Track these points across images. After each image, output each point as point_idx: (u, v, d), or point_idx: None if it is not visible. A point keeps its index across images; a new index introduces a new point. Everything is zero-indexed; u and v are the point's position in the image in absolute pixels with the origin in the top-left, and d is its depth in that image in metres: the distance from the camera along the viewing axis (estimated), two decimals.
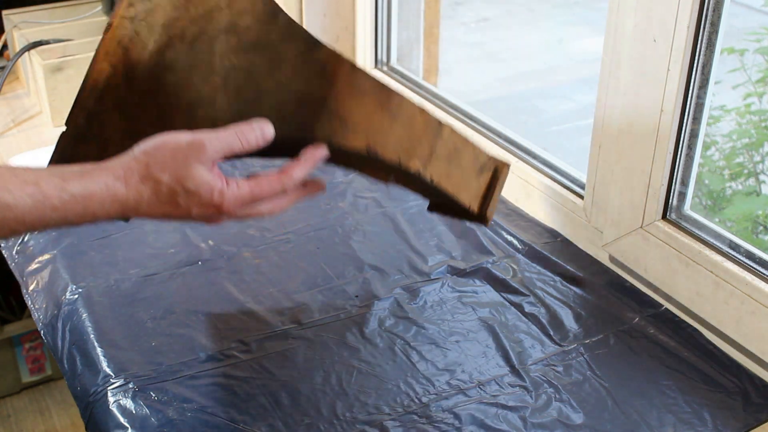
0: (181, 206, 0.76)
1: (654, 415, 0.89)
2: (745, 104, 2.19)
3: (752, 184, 2.13)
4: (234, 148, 0.78)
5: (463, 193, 0.91)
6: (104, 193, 0.74)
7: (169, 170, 0.75)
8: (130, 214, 0.75)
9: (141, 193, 0.74)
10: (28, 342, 2.05)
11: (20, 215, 0.70)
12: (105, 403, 0.90)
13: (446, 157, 0.87)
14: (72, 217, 0.73)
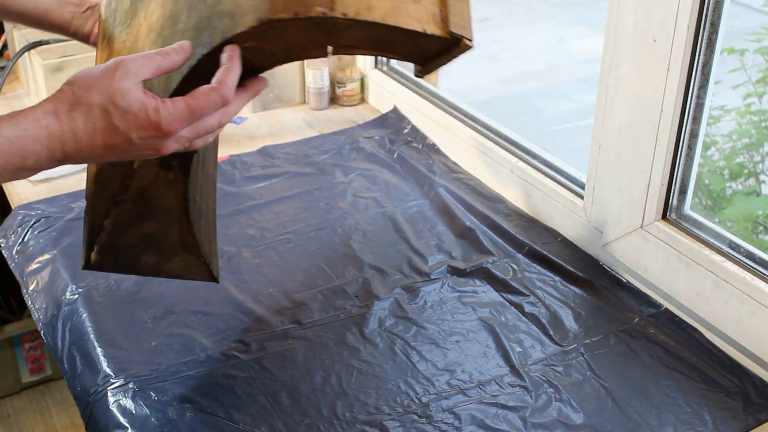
0: (119, 130, 0.72)
1: (654, 415, 0.89)
2: (745, 104, 2.19)
3: (752, 184, 2.13)
4: (159, 64, 0.74)
5: (403, 19, 0.80)
6: (38, 129, 0.71)
7: (97, 90, 0.72)
8: (73, 152, 0.72)
9: (75, 121, 0.71)
10: (28, 342, 2.05)
11: None
12: (105, 403, 0.90)
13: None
14: (13, 161, 0.70)
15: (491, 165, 1.34)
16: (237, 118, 1.59)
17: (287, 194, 1.31)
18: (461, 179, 1.36)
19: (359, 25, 0.77)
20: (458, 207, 1.27)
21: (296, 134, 1.53)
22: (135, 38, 0.84)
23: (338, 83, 1.63)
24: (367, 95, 1.66)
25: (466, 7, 0.85)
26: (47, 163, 0.72)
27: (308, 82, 1.62)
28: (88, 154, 0.72)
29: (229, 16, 0.77)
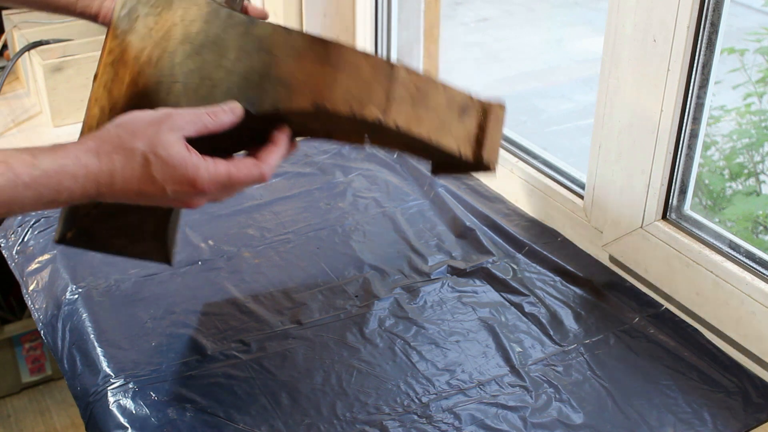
0: (156, 180, 0.73)
1: (654, 415, 0.89)
2: (745, 104, 2.19)
3: (752, 184, 2.13)
4: (206, 124, 0.76)
5: (445, 138, 0.85)
6: (77, 167, 0.71)
7: (141, 137, 0.73)
8: (106, 191, 0.73)
9: (114, 164, 0.72)
10: (28, 342, 2.05)
11: None
12: (105, 403, 0.90)
13: (409, 100, 0.82)
14: (47, 194, 0.70)
15: None
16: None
17: (287, 194, 1.31)
18: (461, 179, 1.36)
19: (405, 134, 0.82)
20: (458, 207, 1.27)
21: None
22: (165, 36, 0.82)
23: None
24: None
25: (499, 134, 0.89)
26: (79, 199, 0.73)
27: None
28: (119, 196, 0.74)
29: (285, 87, 0.79)
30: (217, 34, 0.81)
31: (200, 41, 0.81)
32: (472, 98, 0.87)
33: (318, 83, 0.79)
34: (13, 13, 1.73)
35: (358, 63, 0.80)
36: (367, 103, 0.80)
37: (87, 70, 1.53)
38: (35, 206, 0.72)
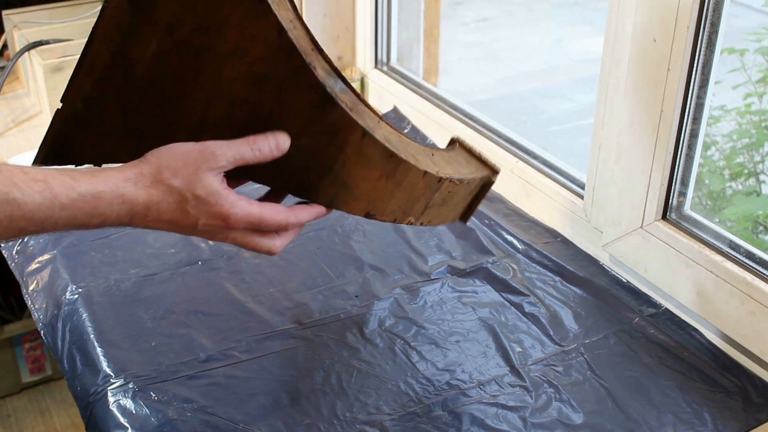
0: (189, 215, 0.75)
1: (654, 415, 0.89)
2: (745, 104, 2.19)
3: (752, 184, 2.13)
4: (246, 157, 0.76)
5: (450, 217, 0.93)
6: (113, 194, 0.73)
7: (181, 176, 0.74)
8: (138, 220, 0.75)
9: (151, 197, 0.74)
10: (28, 342, 2.05)
11: (29, 213, 0.69)
12: (105, 403, 0.90)
13: (440, 203, 0.87)
14: (81, 217, 0.72)
15: None
16: None
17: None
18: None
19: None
20: None
21: None
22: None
23: None
24: (367, 95, 1.66)
25: (485, 195, 0.96)
26: (110, 224, 0.74)
27: None
28: (150, 225, 0.76)
29: (346, 189, 0.79)
30: (284, 79, 0.74)
31: (260, 71, 0.74)
32: (481, 178, 0.92)
33: (377, 196, 0.81)
34: (13, 13, 1.73)
35: (416, 181, 0.82)
36: (409, 213, 0.84)
37: None
38: (67, 227, 0.73)
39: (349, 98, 0.77)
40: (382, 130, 0.80)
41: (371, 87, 1.64)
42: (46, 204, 0.70)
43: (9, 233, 0.71)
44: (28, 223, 0.70)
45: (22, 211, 0.69)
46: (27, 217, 0.70)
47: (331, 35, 1.63)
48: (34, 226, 0.71)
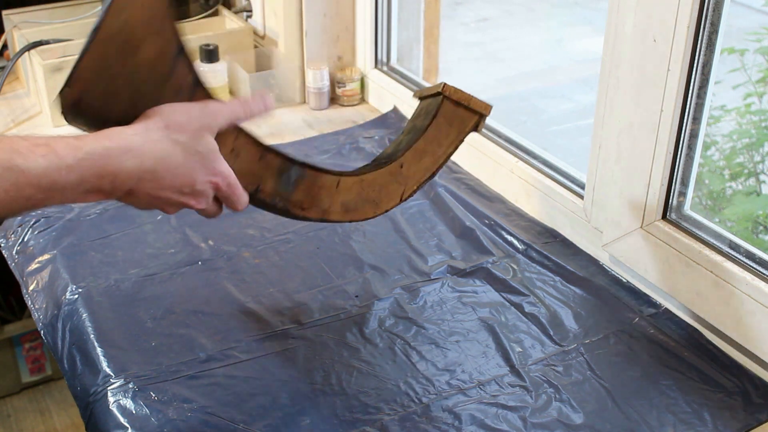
0: (194, 170, 0.77)
1: (654, 415, 0.89)
2: (745, 104, 2.19)
3: (752, 184, 2.13)
4: (239, 117, 0.81)
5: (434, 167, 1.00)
6: (122, 149, 0.72)
7: (186, 132, 0.76)
8: (146, 180, 0.74)
9: (159, 150, 0.74)
10: (28, 342, 2.05)
11: (34, 179, 0.67)
12: (105, 403, 0.90)
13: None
14: (90, 179, 0.70)
15: (491, 165, 1.34)
16: None
17: None
18: (461, 179, 1.36)
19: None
20: (458, 207, 1.27)
21: (296, 134, 1.53)
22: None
23: (338, 83, 1.63)
24: (367, 95, 1.66)
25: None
26: (120, 186, 0.73)
27: (308, 82, 1.62)
28: (154, 185, 0.75)
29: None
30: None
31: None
32: (458, 141, 0.99)
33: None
34: (13, 13, 1.73)
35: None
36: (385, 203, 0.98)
37: None
38: (76, 193, 0.71)
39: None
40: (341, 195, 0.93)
41: (371, 87, 1.64)
42: (51, 168, 0.68)
43: (18, 204, 0.67)
44: (35, 190, 0.67)
45: (26, 178, 0.66)
46: (33, 184, 0.67)
47: (331, 35, 1.63)
48: (41, 193, 0.68)
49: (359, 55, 1.66)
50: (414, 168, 0.97)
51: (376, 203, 0.96)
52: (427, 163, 0.97)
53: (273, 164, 0.88)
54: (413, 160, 0.97)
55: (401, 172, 0.97)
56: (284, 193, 0.90)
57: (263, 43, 1.73)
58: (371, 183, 0.95)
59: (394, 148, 1.00)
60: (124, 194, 0.74)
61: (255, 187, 0.87)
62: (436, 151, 0.97)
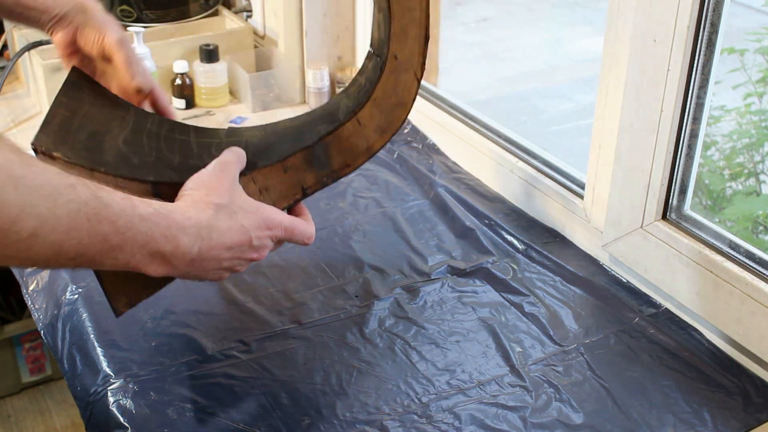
0: (243, 229, 0.78)
1: (654, 415, 0.89)
2: (745, 104, 2.19)
3: (752, 184, 2.13)
4: (241, 159, 0.86)
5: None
6: (183, 215, 0.74)
7: (221, 193, 0.78)
8: (204, 247, 0.75)
9: (209, 218, 0.76)
10: (28, 342, 2.05)
11: (113, 216, 0.67)
12: (105, 403, 0.90)
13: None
14: (158, 237, 0.70)
15: (491, 165, 1.34)
16: (237, 117, 1.59)
17: None
18: (461, 179, 1.36)
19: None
20: (458, 207, 1.27)
21: None
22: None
23: (338, 83, 1.63)
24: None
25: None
26: (181, 258, 0.73)
27: (308, 82, 1.62)
28: (213, 254, 0.76)
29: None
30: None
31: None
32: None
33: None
34: None
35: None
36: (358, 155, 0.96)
37: None
38: (142, 253, 0.70)
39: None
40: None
41: None
42: (127, 211, 0.68)
43: (93, 241, 0.66)
44: (112, 229, 0.67)
45: (108, 212, 0.66)
46: (112, 220, 0.67)
47: (331, 35, 1.63)
48: (116, 236, 0.67)
49: (359, 55, 1.66)
50: (406, 49, 0.92)
51: (401, 104, 0.94)
52: (413, 33, 0.92)
53: (298, 163, 0.88)
54: (400, 44, 0.92)
55: (399, 63, 0.92)
56: (326, 171, 0.90)
57: (263, 43, 1.72)
58: (384, 94, 0.92)
59: (377, 33, 0.94)
60: (188, 263, 0.74)
61: (301, 191, 0.90)
62: (414, 16, 0.91)
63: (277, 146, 0.90)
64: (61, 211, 0.63)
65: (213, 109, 1.62)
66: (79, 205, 0.64)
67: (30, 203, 0.61)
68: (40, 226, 0.61)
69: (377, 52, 0.93)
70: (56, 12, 0.98)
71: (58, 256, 0.65)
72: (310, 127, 0.92)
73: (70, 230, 0.64)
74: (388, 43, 0.91)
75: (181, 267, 0.74)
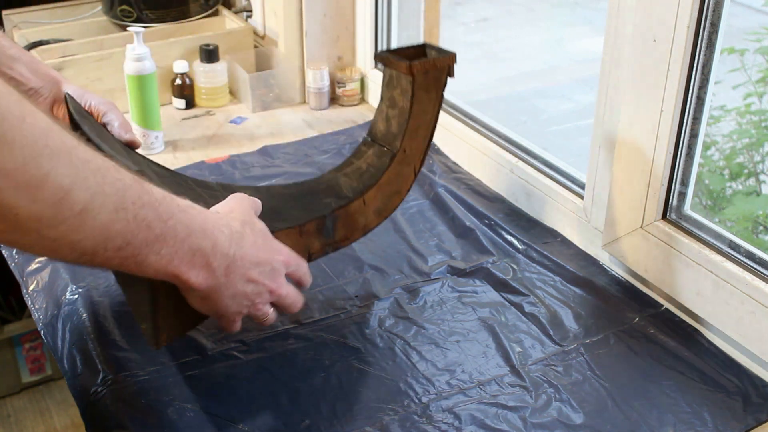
0: (263, 247, 0.79)
1: (654, 415, 0.89)
2: (745, 104, 2.20)
3: (752, 184, 2.13)
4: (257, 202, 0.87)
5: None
6: (217, 217, 0.75)
7: (242, 212, 0.80)
8: (236, 255, 0.75)
9: (238, 226, 0.77)
10: (28, 342, 2.05)
11: (155, 201, 0.66)
12: (105, 403, 0.90)
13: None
14: (197, 231, 0.70)
15: (491, 165, 1.34)
16: (237, 117, 1.59)
17: None
18: (461, 179, 1.36)
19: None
20: (458, 207, 1.27)
21: (296, 134, 1.53)
22: None
23: (338, 83, 1.63)
24: (367, 95, 1.66)
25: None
26: (219, 240, 0.73)
27: (308, 82, 1.62)
28: (244, 254, 0.76)
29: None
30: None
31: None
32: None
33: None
34: (13, 13, 1.73)
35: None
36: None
37: (87, 70, 1.53)
38: (184, 248, 0.70)
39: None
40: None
41: (371, 87, 1.64)
42: (167, 199, 0.68)
43: (138, 224, 0.65)
44: (154, 214, 0.66)
45: (149, 198, 0.66)
46: (154, 206, 0.66)
47: (331, 35, 1.63)
48: (159, 224, 0.66)
49: (359, 55, 1.66)
50: (414, 145, 1.02)
51: (398, 192, 1.04)
52: (422, 133, 1.02)
53: (311, 230, 0.96)
54: (411, 140, 1.01)
55: (406, 156, 1.02)
56: (329, 241, 0.99)
57: (263, 43, 1.73)
58: (388, 181, 1.01)
59: (384, 126, 1.03)
60: (226, 268, 0.74)
61: (308, 256, 0.97)
62: (426, 119, 1.01)
63: (285, 211, 0.97)
64: (109, 188, 0.62)
65: (213, 109, 1.62)
66: (124, 185, 0.63)
67: (82, 176, 0.59)
68: (91, 200, 0.60)
69: (385, 143, 1.02)
70: (32, 85, 0.99)
71: (105, 242, 0.63)
72: (316, 198, 1.00)
73: (118, 209, 0.62)
74: (402, 138, 1.00)
75: (220, 275, 0.74)
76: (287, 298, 0.83)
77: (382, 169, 1.01)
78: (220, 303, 0.77)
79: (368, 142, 1.05)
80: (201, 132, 1.54)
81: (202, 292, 0.74)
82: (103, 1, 1.74)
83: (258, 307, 0.80)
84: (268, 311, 0.82)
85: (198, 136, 1.52)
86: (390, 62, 1.01)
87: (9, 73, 0.97)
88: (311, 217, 0.96)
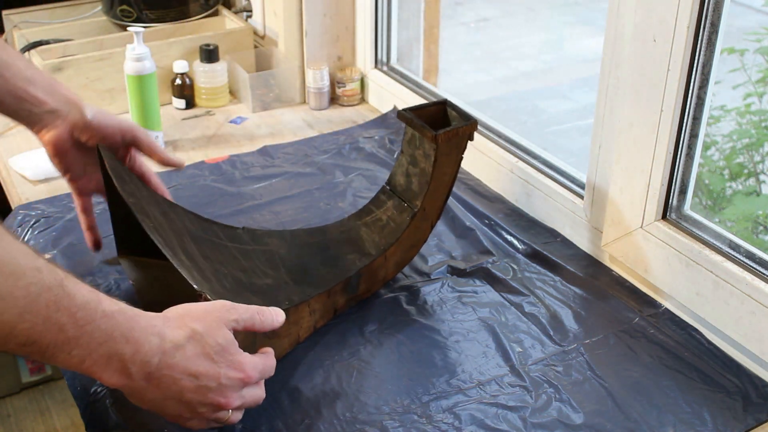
0: (215, 363, 0.76)
1: (654, 415, 0.89)
2: (745, 104, 2.20)
3: (752, 184, 2.13)
4: (254, 324, 0.81)
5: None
6: (148, 324, 0.73)
7: (203, 322, 0.76)
8: (165, 362, 0.73)
9: (178, 337, 0.74)
10: None
11: (74, 307, 0.67)
12: (105, 403, 0.90)
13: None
14: (118, 337, 0.70)
15: (491, 165, 1.34)
16: (237, 117, 1.59)
17: (287, 194, 1.31)
18: (461, 179, 1.36)
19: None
20: (458, 207, 1.27)
21: (296, 134, 1.53)
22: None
23: (338, 83, 1.63)
24: (367, 95, 1.66)
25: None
26: (139, 363, 0.72)
27: (308, 82, 1.62)
28: (176, 364, 0.74)
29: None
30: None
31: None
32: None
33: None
34: (13, 13, 1.73)
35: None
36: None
37: (87, 70, 1.53)
38: (99, 353, 0.70)
39: None
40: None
41: (371, 87, 1.64)
42: (91, 305, 0.68)
43: (47, 327, 0.66)
44: (70, 320, 0.67)
45: (69, 302, 0.66)
46: (72, 312, 0.67)
47: (331, 35, 1.63)
48: (73, 329, 0.67)
49: (359, 55, 1.66)
50: (433, 204, 1.05)
51: (415, 246, 1.08)
52: (441, 192, 1.05)
53: (338, 289, 1.00)
54: (430, 200, 1.04)
55: (425, 214, 1.05)
56: (353, 295, 1.03)
57: (263, 43, 1.73)
58: (408, 237, 1.05)
59: (405, 182, 1.05)
60: (146, 376, 0.73)
61: (333, 312, 1.01)
62: (445, 179, 1.04)
63: (313, 270, 1.01)
64: (19, 292, 0.63)
65: (213, 109, 1.62)
66: (40, 290, 0.65)
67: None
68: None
69: (406, 200, 1.05)
70: (49, 107, 0.98)
71: (7, 338, 0.64)
72: (340, 253, 1.04)
73: (24, 313, 0.64)
74: (423, 198, 1.03)
75: (138, 380, 0.73)
76: (241, 411, 0.82)
77: (403, 227, 1.04)
78: (146, 404, 0.76)
79: (388, 192, 1.08)
80: (201, 132, 1.54)
81: (123, 390, 0.75)
82: (103, 1, 1.74)
83: (204, 415, 0.78)
84: (223, 417, 0.79)
85: (198, 136, 1.52)
86: (414, 125, 1.01)
87: (24, 96, 0.97)
88: (338, 279, 1.00)
